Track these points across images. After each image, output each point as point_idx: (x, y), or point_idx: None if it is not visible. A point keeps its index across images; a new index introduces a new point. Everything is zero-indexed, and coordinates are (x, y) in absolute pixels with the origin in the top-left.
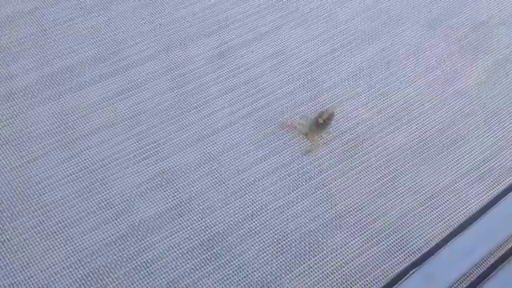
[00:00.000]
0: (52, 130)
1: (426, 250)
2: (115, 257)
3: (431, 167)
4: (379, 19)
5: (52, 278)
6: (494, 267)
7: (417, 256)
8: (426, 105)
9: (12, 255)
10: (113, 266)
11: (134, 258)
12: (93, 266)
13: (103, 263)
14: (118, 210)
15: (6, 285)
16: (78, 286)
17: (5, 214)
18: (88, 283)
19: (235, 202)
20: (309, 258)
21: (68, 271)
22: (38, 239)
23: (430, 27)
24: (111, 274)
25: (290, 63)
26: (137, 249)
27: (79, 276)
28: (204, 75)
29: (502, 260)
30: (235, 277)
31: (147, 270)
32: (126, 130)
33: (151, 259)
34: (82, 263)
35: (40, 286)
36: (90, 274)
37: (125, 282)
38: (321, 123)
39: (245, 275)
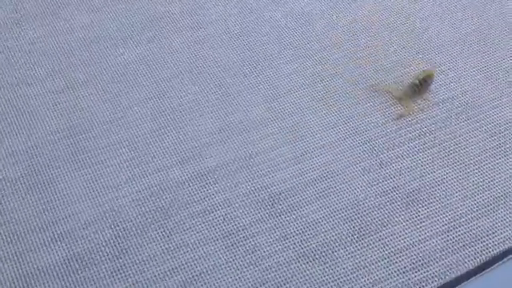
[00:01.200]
0: None
1: None
2: (180, 198)
3: None
4: None
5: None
6: None
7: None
8: None
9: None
10: (176, 207)
11: (199, 202)
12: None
13: (168, 202)
14: (187, 155)
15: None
16: (143, 219)
17: None
18: (150, 219)
19: (317, 159)
20: (390, 226)
21: (136, 204)
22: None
23: None
24: (174, 215)
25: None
26: (203, 194)
27: (145, 210)
28: None
29: None
30: (296, 237)
31: (209, 216)
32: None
33: (214, 206)
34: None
35: (110, 214)
36: (157, 209)
37: (186, 223)
38: (417, 84)
39: (307, 238)
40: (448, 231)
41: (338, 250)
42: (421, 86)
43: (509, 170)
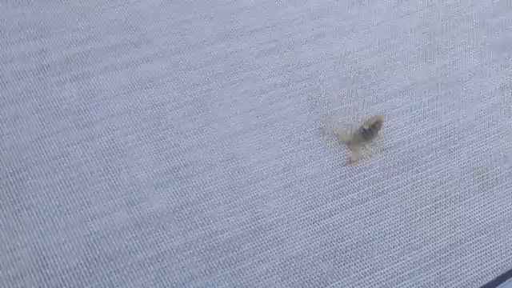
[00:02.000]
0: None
1: None
2: (116, 248)
3: (488, 197)
4: (443, 35)
5: (44, 263)
6: None
7: None
8: (489, 129)
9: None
10: (113, 257)
11: (138, 252)
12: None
13: (110, 251)
14: (128, 199)
15: None
16: (71, 274)
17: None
18: (83, 273)
19: (259, 207)
20: (338, 278)
21: (62, 258)
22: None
23: (497, 51)
24: (115, 264)
25: (338, 70)
26: (146, 242)
27: (72, 265)
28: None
29: None
30: (251, 287)
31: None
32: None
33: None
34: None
35: (34, 268)
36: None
37: (125, 276)
38: (366, 130)
39: (265, 286)
40: (391, 286)
41: None
42: (370, 131)
43: (453, 219)
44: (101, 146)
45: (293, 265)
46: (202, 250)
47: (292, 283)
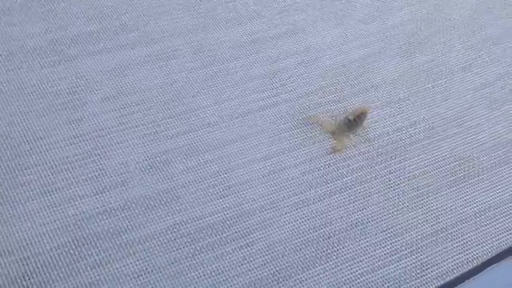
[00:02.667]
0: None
1: (453, 276)
2: (104, 228)
3: (469, 187)
4: (433, 27)
5: (33, 240)
6: None
7: (442, 281)
8: (472, 122)
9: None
10: (101, 237)
11: (126, 232)
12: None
13: (98, 230)
14: (114, 182)
15: None
16: (59, 252)
17: None
18: (71, 250)
19: (245, 192)
20: (321, 263)
21: (51, 236)
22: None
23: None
24: (103, 244)
25: (324, 62)
26: (135, 223)
27: (61, 242)
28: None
29: None
30: (235, 270)
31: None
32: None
33: (141, 238)
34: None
35: (22, 245)
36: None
37: (113, 255)
38: (351, 120)
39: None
40: (374, 271)
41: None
42: (355, 122)
43: (435, 209)
44: (89, 128)
45: (276, 249)
46: (187, 233)
47: (275, 267)
